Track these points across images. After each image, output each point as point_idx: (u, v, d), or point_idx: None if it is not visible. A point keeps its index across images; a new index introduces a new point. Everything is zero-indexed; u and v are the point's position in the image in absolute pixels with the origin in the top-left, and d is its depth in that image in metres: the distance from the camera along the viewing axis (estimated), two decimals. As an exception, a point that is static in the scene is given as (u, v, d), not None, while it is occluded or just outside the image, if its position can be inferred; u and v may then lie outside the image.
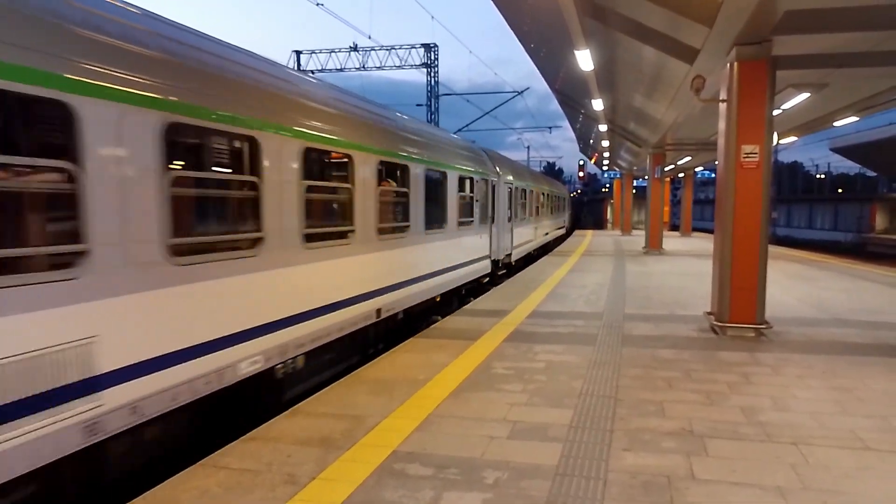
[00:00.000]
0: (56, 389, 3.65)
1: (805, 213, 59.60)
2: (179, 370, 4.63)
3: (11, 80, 3.40)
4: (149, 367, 4.34)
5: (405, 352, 7.80)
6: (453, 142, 12.96)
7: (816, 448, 4.77)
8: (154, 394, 4.38)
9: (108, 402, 4.01)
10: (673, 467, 4.40)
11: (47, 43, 3.62)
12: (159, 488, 4.07)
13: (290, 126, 6.13)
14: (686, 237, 37.04)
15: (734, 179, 8.78)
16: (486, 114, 33.21)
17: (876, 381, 6.60)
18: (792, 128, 19.85)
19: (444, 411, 5.59)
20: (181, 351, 4.66)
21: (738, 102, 8.71)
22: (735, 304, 8.90)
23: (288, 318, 6.09)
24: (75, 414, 3.77)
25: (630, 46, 12.93)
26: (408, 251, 9.23)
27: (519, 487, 4.08)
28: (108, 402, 4.01)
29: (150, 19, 4.72)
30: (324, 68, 34.07)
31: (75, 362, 3.76)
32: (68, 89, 3.71)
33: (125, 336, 4.15)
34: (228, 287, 5.20)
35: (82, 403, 3.82)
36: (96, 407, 3.91)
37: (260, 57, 6.35)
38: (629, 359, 7.49)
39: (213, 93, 5.07)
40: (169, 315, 4.55)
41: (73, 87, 3.74)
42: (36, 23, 3.61)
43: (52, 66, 3.62)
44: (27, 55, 3.48)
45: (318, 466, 4.41)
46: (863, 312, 10.73)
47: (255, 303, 5.57)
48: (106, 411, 3.99)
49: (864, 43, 8.90)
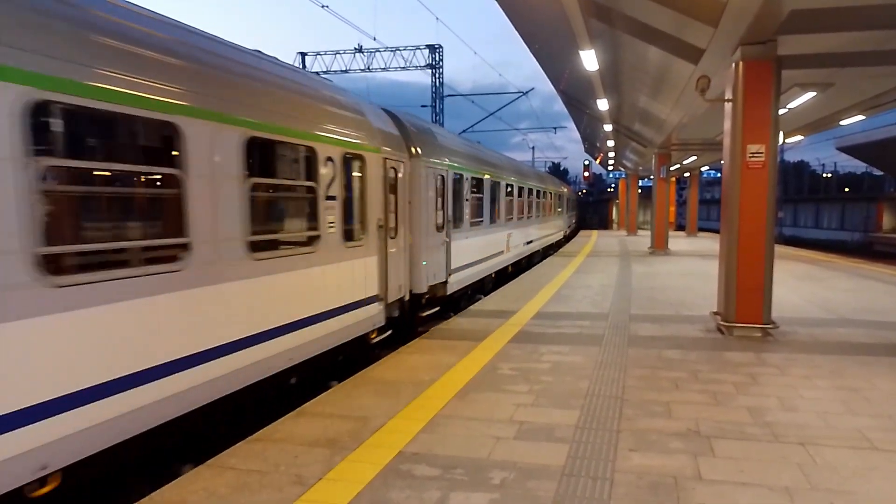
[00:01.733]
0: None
1: (811, 212, 59.34)
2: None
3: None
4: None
5: (411, 353, 7.81)
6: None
7: (824, 448, 4.76)
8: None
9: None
10: (680, 468, 4.39)
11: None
12: (166, 489, 4.09)
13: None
14: (692, 237, 36.94)
15: (740, 179, 8.76)
16: (490, 115, 33.21)
17: (883, 381, 6.57)
18: (798, 127, 19.78)
19: (450, 412, 5.60)
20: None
21: (743, 102, 8.69)
22: (741, 305, 8.88)
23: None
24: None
25: (635, 47, 12.92)
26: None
27: (525, 488, 4.08)
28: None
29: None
30: (328, 69, 34.15)
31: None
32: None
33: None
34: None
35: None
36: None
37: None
38: (635, 359, 7.48)
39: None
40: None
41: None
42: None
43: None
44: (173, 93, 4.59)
45: (326, 467, 4.42)
46: (870, 312, 10.69)
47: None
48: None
49: (869, 42, 8.88)
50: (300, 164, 6.66)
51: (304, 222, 6.72)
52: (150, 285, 4.49)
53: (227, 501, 3.92)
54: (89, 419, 4.01)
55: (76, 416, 3.93)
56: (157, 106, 4.53)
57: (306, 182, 6.65)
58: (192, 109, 4.88)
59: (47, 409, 3.76)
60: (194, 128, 4.90)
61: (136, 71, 4.39)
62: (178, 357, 4.75)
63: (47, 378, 3.76)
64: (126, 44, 4.40)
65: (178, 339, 4.77)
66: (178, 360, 4.75)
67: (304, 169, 6.69)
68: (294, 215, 6.77)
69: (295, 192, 6.69)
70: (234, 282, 5.38)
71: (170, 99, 4.66)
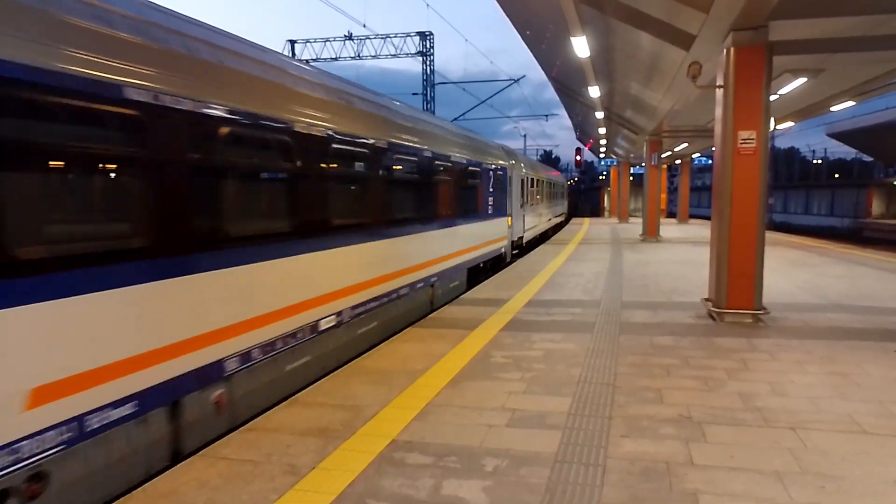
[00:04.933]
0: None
1: (802, 198, 59.65)
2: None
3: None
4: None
5: (403, 341, 7.80)
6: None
7: (814, 433, 4.79)
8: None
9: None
10: (672, 453, 4.41)
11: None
12: (159, 479, 4.07)
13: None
14: (683, 224, 37.07)
15: (731, 165, 8.77)
16: (482, 102, 33.11)
17: (874, 366, 6.62)
18: (788, 113, 19.81)
19: (442, 400, 5.60)
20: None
21: (734, 88, 8.68)
22: (732, 291, 8.91)
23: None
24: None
25: (626, 33, 12.86)
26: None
27: (518, 475, 4.09)
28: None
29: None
30: (318, 57, 33.89)
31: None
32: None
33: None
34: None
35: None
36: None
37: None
38: (627, 346, 7.51)
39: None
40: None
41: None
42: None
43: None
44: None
45: (318, 456, 4.42)
46: (860, 298, 10.76)
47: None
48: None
49: (859, 28, 8.87)
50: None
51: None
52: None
53: (219, 491, 3.91)
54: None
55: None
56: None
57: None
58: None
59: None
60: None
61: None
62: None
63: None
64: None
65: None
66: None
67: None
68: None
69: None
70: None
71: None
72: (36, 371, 3.49)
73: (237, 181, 5.49)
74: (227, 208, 5.27)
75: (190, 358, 4.68)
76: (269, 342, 5.68)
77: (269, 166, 6.11)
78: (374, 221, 8.13)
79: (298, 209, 6.24)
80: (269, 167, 6.13)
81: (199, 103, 4.80)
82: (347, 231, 7.30)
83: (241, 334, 5.29)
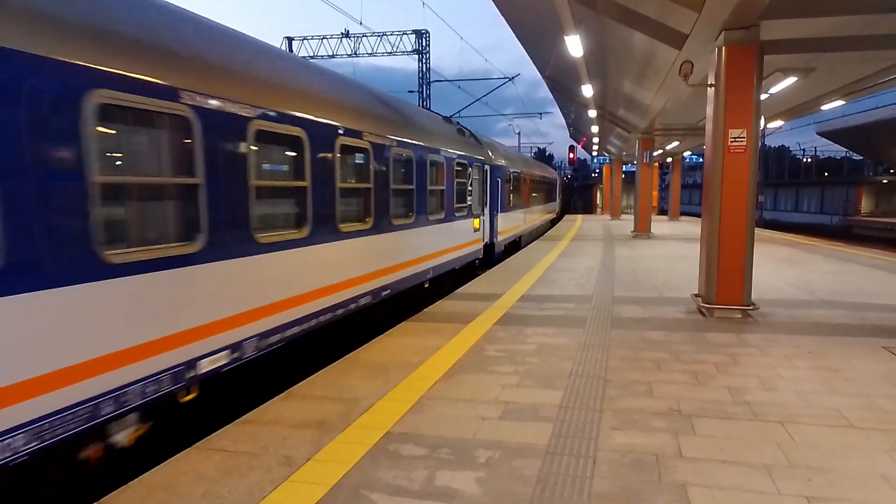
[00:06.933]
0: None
1: (792, 196, 59.99)
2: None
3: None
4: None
5: (399, 335, 7.86)
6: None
7: (803, 427, 4.87)
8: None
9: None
10: (661, 446, 4.49)
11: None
12: (156, 470, 4.11)
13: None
14: (674, 221, 37.25)
15: (722, 164, 8.85)
16: (476, 100, 33.09)
17: (862, 360, 6.72)
18: (779, 112, 19.97)
19: (437, 393, 5.66)
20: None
21: (725, 87, 8.76)
22: (722, 286, 9.01)
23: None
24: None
25: (619, 32, 12.93)
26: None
27: (511, 466, 4.16)
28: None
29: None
30: (315, 54, 33.82)
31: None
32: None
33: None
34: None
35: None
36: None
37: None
38: (618, 341, 7.59)
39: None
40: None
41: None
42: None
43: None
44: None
45: (314, 448, 4.47)
46: (849, 294, 10.89)
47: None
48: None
49: (850, 27, 8.97)
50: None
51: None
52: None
53: (216, 483, 3.95)
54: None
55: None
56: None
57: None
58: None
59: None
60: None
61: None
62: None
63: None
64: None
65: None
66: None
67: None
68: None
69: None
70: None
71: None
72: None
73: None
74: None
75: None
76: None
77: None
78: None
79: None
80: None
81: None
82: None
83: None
